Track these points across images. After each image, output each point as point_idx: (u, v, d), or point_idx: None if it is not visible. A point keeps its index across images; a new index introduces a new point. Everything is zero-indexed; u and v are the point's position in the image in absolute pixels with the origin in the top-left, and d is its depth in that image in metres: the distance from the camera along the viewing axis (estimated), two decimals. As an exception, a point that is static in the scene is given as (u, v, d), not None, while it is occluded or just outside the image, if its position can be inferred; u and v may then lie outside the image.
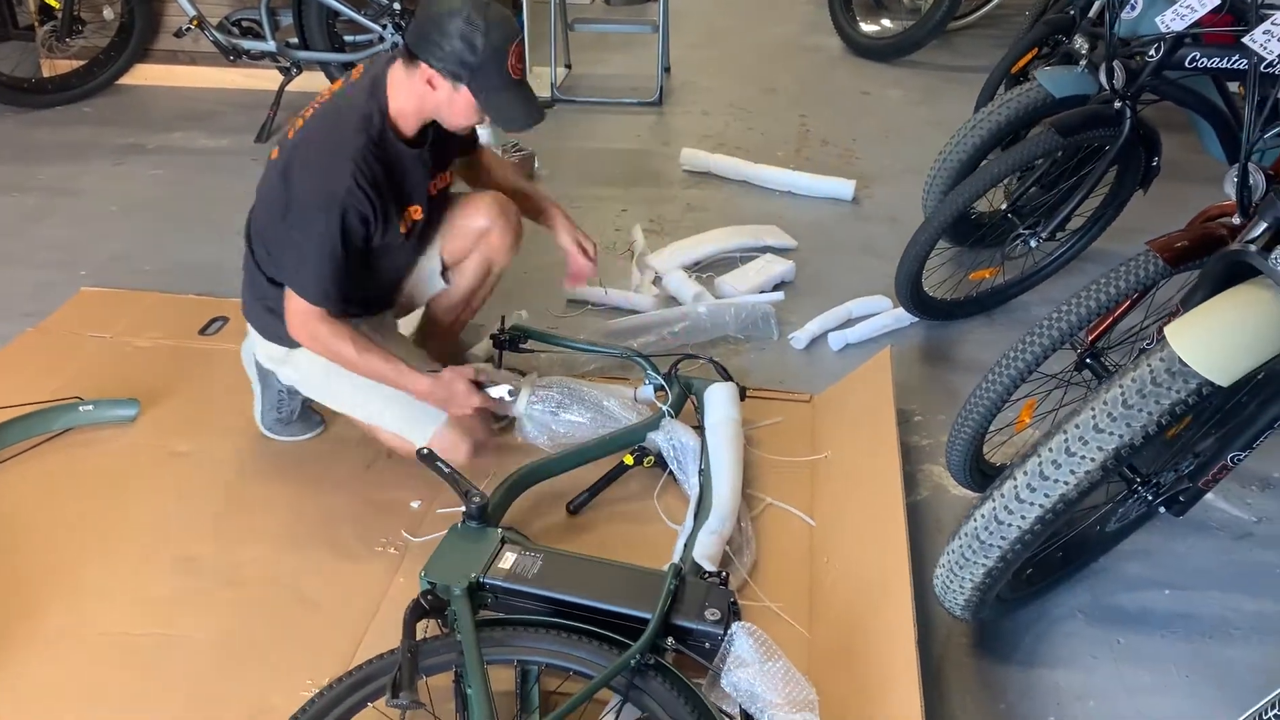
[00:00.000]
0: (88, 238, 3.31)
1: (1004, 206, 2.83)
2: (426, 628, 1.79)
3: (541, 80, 4.41)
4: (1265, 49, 1.67)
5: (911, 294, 2.76)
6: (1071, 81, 2.69)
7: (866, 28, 5.30)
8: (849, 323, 2.92)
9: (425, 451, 2.04)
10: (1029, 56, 3.60)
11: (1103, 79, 2.44)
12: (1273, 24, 1.69)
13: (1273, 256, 1.47)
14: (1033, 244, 2.71)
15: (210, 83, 4.49)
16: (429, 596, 1.80)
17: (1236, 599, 2.05)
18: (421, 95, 2.00)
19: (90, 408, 2.43)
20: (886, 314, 2.92)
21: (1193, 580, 2.10)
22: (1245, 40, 1.71)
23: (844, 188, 3.67)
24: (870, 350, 2.73)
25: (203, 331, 2.79)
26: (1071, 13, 3.48)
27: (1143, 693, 1.84)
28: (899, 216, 3.46)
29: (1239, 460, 1.69)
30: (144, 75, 4.53)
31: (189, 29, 3.95)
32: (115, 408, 2.44)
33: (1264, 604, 2.04)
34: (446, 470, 2.01)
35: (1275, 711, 1.14)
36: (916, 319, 2.90)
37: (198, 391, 2.56)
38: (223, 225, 3.40)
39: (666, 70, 4.69)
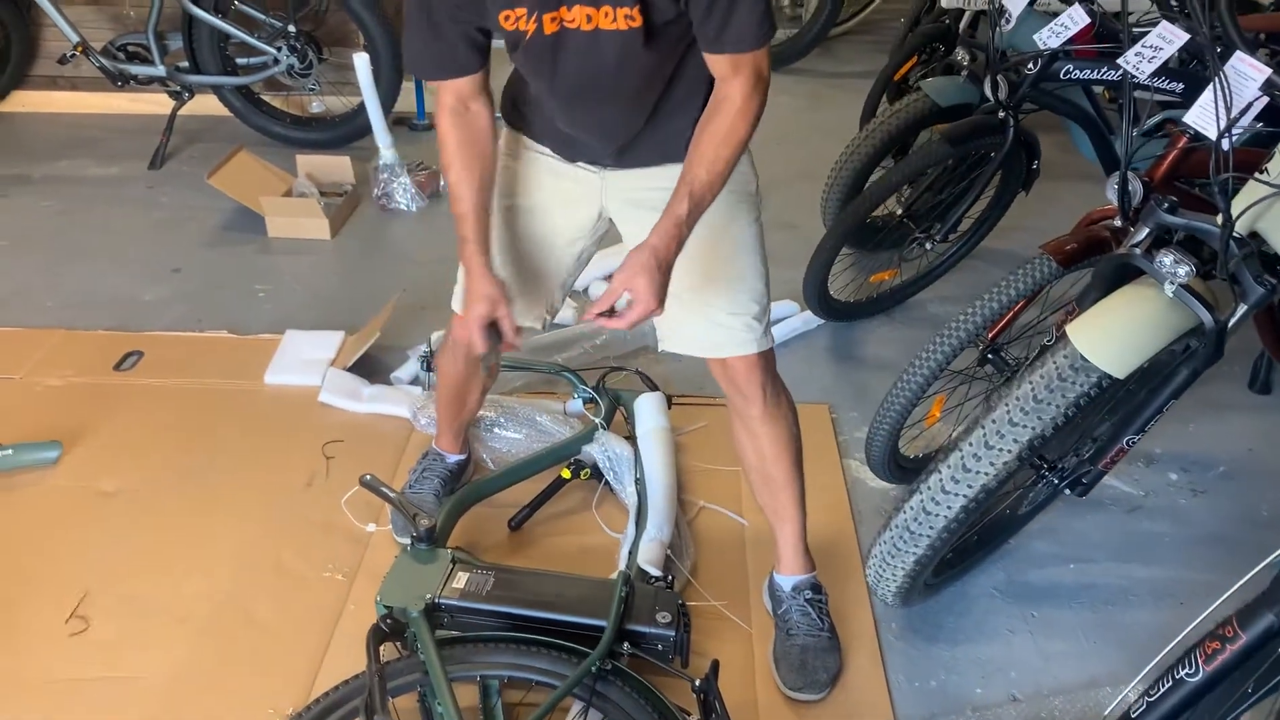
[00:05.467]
0: (-20, 276, 3.21)
1: (899, 212, 3.00)
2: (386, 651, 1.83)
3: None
4: (1137, 69, 1.84)
5: (819, 298, 2.90)
6: (956, 91, 2.87)
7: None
8: (762, 328, 3.03)
9: (368, 478, 2.07)
10: (909, 65, 3.81)
11: (987, 91, 2.62)
12: (1144, 46, 1.87)
13: (1157, 260, 1.64)
14: (928, 246, 2.88)
15: (94, 108, 4.37)
16: (388, 620, 1.84)
17: (1131, 568, 2.24)
18: None
19: (9, 452, 2.37)
20: (795, 317, 3.05)
21: (1093, 553, 2.28)
22: (1120, 61, 1.88)
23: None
24: (782, 353, 2.84)
25: (117, 367, 2.75)
26: (946, 22, 3.71)
27: (1057, 659, 2.00)
28: (796, 222, 3.59)
29: (1134, 443, 1.86)
30: (23, 102, 4.39)
31: (74, 55, 3.84)
32: (36, 450, 2.39)
33: (1154, 571, 2.24)
34: (392, 495, 2.05)
35: (1187, 670, 1.28)
36: (823, 321, 3.04)
37: (119, 429, 2.52)
38: (127, 256, 3.34)
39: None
